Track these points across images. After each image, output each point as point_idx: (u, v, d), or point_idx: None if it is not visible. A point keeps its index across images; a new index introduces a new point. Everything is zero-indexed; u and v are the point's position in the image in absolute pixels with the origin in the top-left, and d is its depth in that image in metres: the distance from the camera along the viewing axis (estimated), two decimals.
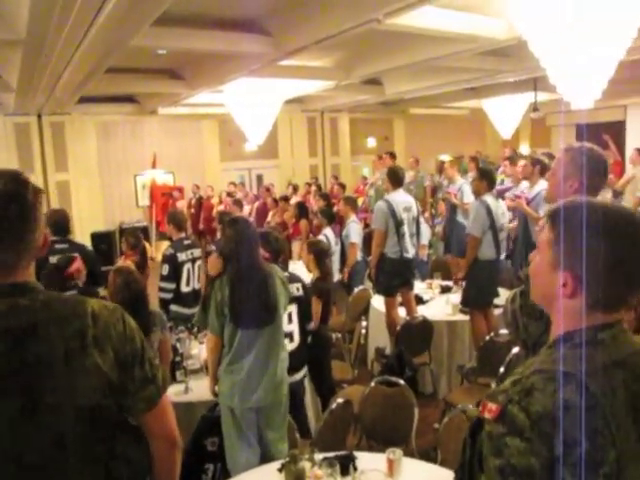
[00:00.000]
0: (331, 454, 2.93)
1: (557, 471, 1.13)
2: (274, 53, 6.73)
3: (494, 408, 1.19)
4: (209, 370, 3.53)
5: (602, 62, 4.62)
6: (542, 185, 5.33)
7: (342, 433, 3.52)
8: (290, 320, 3.88)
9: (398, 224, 5.51)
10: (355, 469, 2.82)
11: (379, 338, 5.64)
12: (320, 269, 4.63)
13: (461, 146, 15.09)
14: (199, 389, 3.81)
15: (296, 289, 3.97)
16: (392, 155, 10.13)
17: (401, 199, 5.64)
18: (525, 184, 6.44)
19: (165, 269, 5.18)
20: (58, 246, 4.80)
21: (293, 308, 3.91)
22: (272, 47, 6.64)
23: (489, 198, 5.32)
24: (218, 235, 6.90)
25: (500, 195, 6.49)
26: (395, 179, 5.67)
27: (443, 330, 5.28)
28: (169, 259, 5.22)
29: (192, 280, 5.30)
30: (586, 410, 1.15)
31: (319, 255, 4.66)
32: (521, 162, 7.59)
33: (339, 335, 5.66)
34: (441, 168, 10.35)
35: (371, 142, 16.09)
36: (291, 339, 3.90)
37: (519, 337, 2.05)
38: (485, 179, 5.38)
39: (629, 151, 10.29)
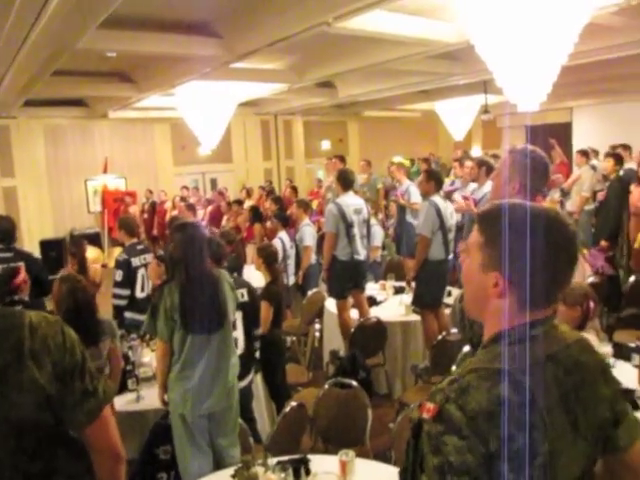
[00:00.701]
0: (285, 458, 2.92)
1: (494, 466, 1.15)
2: (225, 56, 6.68)
3: (432, 408, 1.21)
4: (158, 378, 3.46)
5: (546, 66, 4.74)
6: (489, 186, 5.42)
7: (296, 436, 3.52)
8: (234, 327, 3.85)
9: (348, 226, 5.54)
10: (308, 472, 2.82)
11: (334, 340, 5.64)
12: (270, 273, 4.62)
13: (415, 148, 15.27)
14: (152, 397, 3.73)
15: (241, 295, 3.92)
16: (341, 158, 10.19)
17: (351, 201, 5.67)
18: (473, 185, 6.56)
19: (119, 275, 5.06)
20: (1, 255, 4.66)
21: (238, 315, 3.87)
22: (223, 50, 6.60)
23: (438, 199, 5.38)
24: None
25: (448, 196, 6.60)
26: (345, 182, 5.70)
27: (397, 331, 5.32)
28: (122, 265, 5.10)
29: (147, 286, 5.20)
30: (521, 405, 1.18)
31: (269, 259, 4.66)
32: (468, 163, 7.69)
33: (294, 338, 5.64)
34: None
35: (325, 145, 16.14)
36: (235, 346, 3.87)
37: (466, 336, 2.09)
38: (433, 180, 5.45)
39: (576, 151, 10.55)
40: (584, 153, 9.10)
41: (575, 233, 1.34)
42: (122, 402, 3.77)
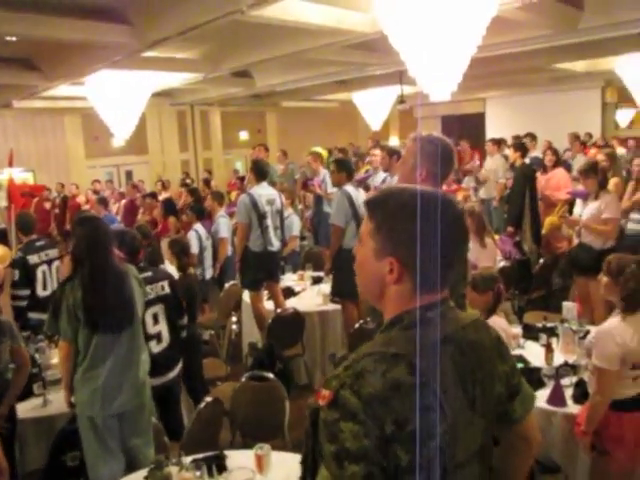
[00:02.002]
0: (201, 455, 2.86)
1: (390, 449, 1.15)
2: (136, 44, 6.44)
3: (327, 394, 1.19)
4: (63, 379, 3.30)
5: (455, 57, 4.84)
6: None
7: (213, 432, 3.45)
8: (156, 321, 3.75)
9: (261, 217, 5.51)
10: (224, 468, 2.77)
11: (253, 332, 5.60)
12: (182, 266, 4.52)
13: (333, 138, 15.33)
14: (61, 401, 3.53)
15: (161, 287, 3.83)
16: (265, 148, 10.12)
17: (264, 192, 5.64)
18: (383, 174, 6.66)
19: (15, 275, 4.82)
20: None
21: (159, 308, 3.78)
22: (134, 38, 6.35)
23: (350, 188, 5.40)
24: None
25: (360, 184, 6.66)
26: (258, 172, 5.66)
27: (315, 321, 5.32)
28: (18, 264, 4.89)
29: (50, 283, 4.98)
30: (416, 388, 1.17)
31: (180, 252, 4.56)
32: (376, 152, 7.74)
33: (212, 332, 5.56)
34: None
35: (243, 135, 15.99)
36: (159, 340, 3.78)
37: (379, 322, 2.09)
38: (344, 170, 5.47)
39: None
40: (496, 142, 9.40)
41: (463, 214, 1.36)
42: (27, 408, 3.58)
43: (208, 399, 3.38)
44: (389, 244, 1.29)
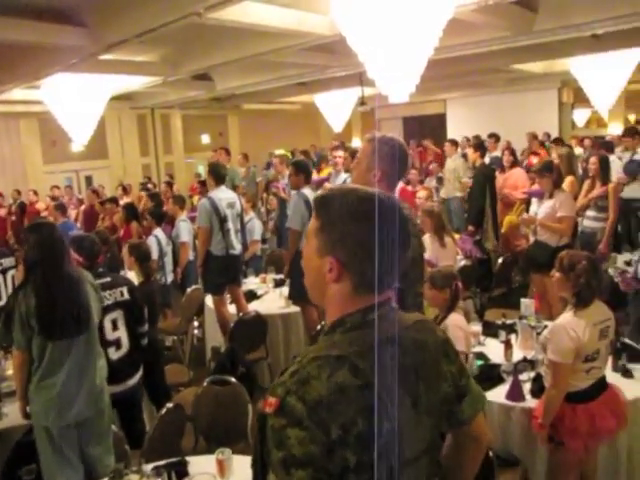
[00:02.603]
0: (162, 462, 2.83)
1: (337, 454, 1.16)
2: (92, 47, 6.33)
3: (274, 401, 1.19)
4: (17, 390, 3.22)
5: (413, 59, 4.89)
6: None
7: (175, 438, 3.41)
8: (115, 327, 3.69)
9: (222, 221, 5.47)
10: (186, 475, 2.75)
11: (217, 337, 5.55)
12: (142, 272, 4.46)
13: (296, 140, 15.31)
14: (16, 413, 3.43)
15: (120, 293, 3.77)
16: (226, 151, 10.07)
17: (224, 195, 5.61)
18: (344, 175, 6.68)
19: None
20: None
21: (117, 314, 3.72)
22: (90, 40, 6.24)
23: (307, 191, 5.39)
24: None
25: (319, 186, 6.67)
26: (216, 176, 5.62)
27: (278, 323, 5.31)
28: None
29: (3, 292, 4.85)
30: (360, 390, 1.19)
31: (140, 258, 4.50)
32: (339, 153, 7.76)
33: (175, 338, 5.49)
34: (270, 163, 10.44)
35: (205, 139, 15.86)
36: (118, 346, 3.72)
37: None
38: (301, 173, 5.47)
39: None
40: (453, 143, 9.52)
41: (408, 216, 1.37)
42: None
43: (169, 405, 3.35)
44: (330, 243, 1.31)
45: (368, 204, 1.30)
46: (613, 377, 3.46)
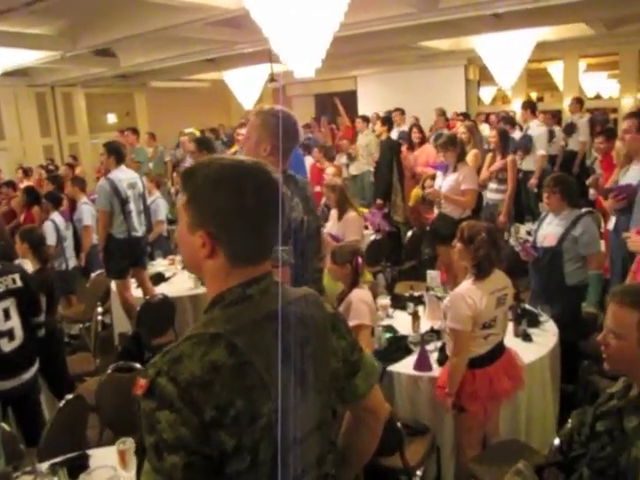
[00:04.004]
0: (59, 459, 2.68)
1: (212, 436, 1.11)
2: None
3: (144, 383, 1.13)
4: None
5: (317, 34, 4.84)
6: None
7: (77, 431, 3.25)
8: (7, 316, 3.47)
9: (123, 202, 5.28)
10: (86, 468, 2.63)
11: (125, 323, 5.37)
12: (38, 258, 4.22)
13: (207, 118, 14.97)
14: None
15: (12, 280, 3.54)
16: (134, 130, 9.72)
17: (124, 176, 5.41)
18: None
19: None
20: None
21: (10, 302, 3.50)
22: None
23: None
24: None
25: None
26: (117, 154, 5.41)
27: (187, 305, 5.19)
28: None
29: None
30: (237, 369, 1.14)
31: (34, 243, 4.25)
32: (243, 131, 7.66)
33: (81, 325, 5.27)
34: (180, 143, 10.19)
35: (111, 118, 15.20)
36: (11, 337, 3.49)
37: None
38: (205, 150, 5.43)
39: None
40: (365, 119, 9.58)
41: (278, 183, 1.31)
42: None
43: (69, 396, 3.18)
44: (198, 217, 1.25)
45: (232, 172, 1.25)
46: (514, 342, 3.62)
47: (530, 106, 8.45)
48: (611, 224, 4.08)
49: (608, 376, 3.04)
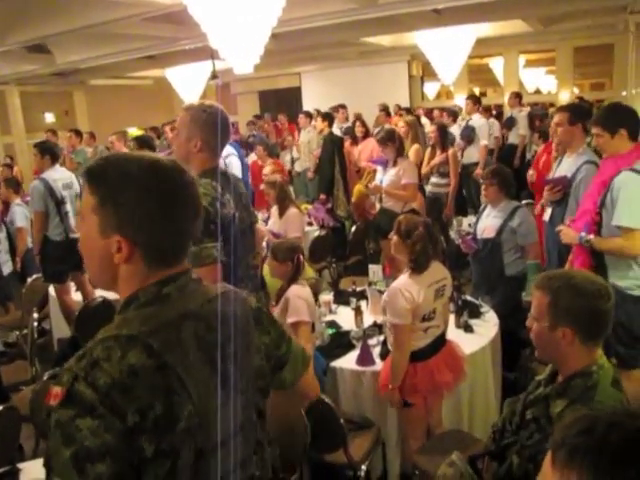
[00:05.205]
0: None
1: (135, 441, 1.07)
2: None
3: (59, 391, 1.07)
4: None
5: (255, 29, 4.80)
6: None
7: (8, 444, 3.10)
8: None
9: (59, 203, 5.15)
10: None
11: (64, 328, 5.20)
12: None
13: (150, 117, 14.68)
14: None
15: None
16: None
17: (59, 176, 5.27)
18: None
19: None
20: None
21: None
22: None
23: None
24: None
25: None
26: (52, 154, 5.27)
27: None
28: None
29: None
30: (155, 372, 1.10)
31: None
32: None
33: (18, 332, 5.08)
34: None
35: (49, 118, 14.74)
36: None
37: None
38: (146, 148, 5.25)
39: None
40: (307, 115, 9.59)
41: (193, 180, 1.28)
42: None
43: None
44: (115, 220, 1.18)
45: (148, 171, 1.20)
46: (456, 333, 3.67)
47: (475, 99, 8.65)
48: (547, 215, 4.18)
49: (546, 363, 3.10)
